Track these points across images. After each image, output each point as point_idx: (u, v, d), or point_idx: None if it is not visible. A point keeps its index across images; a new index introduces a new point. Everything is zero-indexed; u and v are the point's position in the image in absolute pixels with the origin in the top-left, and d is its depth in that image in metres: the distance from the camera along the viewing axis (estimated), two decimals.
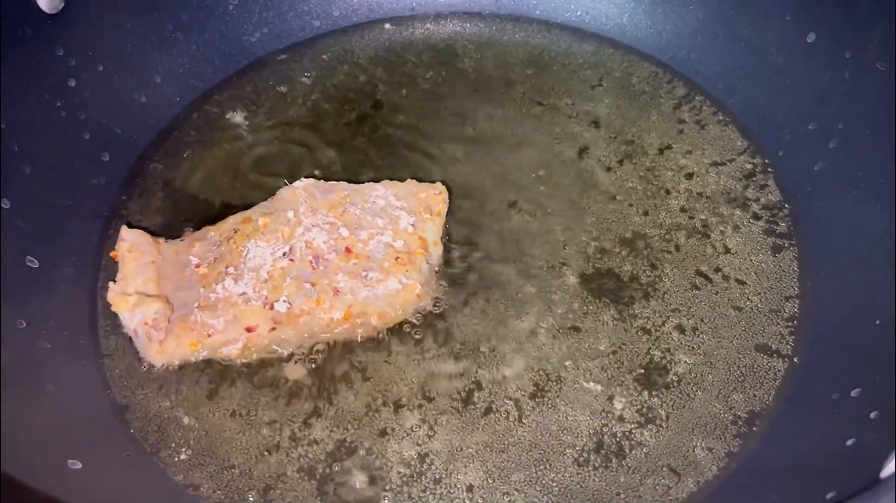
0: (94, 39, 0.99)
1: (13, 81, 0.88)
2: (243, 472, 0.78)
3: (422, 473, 0.78)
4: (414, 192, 0.94)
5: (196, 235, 0.92)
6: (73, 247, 0.93)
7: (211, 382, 0.84)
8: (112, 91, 1.02)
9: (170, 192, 1.01)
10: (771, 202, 0.98)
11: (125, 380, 0.84)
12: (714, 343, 0.87)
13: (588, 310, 0.89)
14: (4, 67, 0.86)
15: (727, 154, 1.04)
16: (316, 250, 0.87)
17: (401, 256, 0.89)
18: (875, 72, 0.91)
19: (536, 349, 0.86)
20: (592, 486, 0.77)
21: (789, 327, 0.88)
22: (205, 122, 1.08)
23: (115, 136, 1.02)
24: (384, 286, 0.86)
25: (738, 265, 0.93)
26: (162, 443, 0.80)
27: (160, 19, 1.08)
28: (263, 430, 0.81)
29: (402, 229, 0.91)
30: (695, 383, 0.84)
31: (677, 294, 0.91)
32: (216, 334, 0.83)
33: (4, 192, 0.85)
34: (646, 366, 0.85)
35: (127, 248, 0.87)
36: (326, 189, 0.93)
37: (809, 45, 0.99)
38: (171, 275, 0.87)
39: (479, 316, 0.89)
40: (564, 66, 1.14)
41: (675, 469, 0.78)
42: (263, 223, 0.88)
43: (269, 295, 0.84)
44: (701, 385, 0.84)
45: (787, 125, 1.01)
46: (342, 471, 0.78)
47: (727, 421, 0.81)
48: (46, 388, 0.79)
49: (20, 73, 0.89)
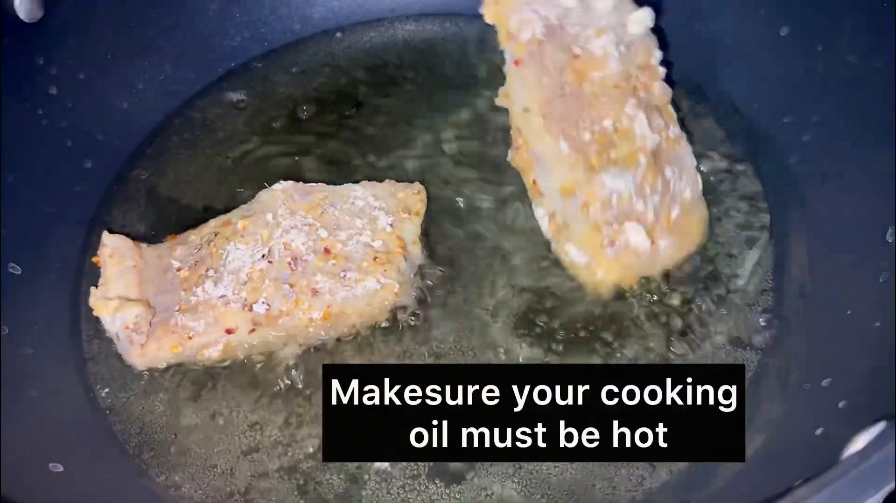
0: (75, 47, 1.00)
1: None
2: (225, 472, 0.80)
3: (401, 470, 0.79)
4: (392, 193, 0.95)
5: (177, 239, 0.93)
6: (56, 253, 0.94)
7: (193, 384, 0.85)
8: (94, 98, 1.03)
9: (153, 198, 1.02)
10: (748, 195, 0.99)
11: (108, 384, 0.86)
12: (690, 335, 0.88)
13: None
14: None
15: (705, 147, 1.04)
16: (294, 251, 0.88)
17: (379, 256, 0.90)
18: (847, 65, 0.91)
19: (515, 347, 0.87)
20: (569, 478, 0.78)
21: (765, 319, 0.89)
22: (187, 127, 1.09)
23: (97, 143, 1.03)
24: (363, 286, 0.88)
25: (715, 257, 0.94)
26: (144, 445, 0.82)
27: (141, 26, 1.09)
28: (245, 431, 0.82)
29: (380, 229, 0.92)
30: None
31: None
32: (196, 336, 0.84)
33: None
34: (624, 359, 0.86)
35: (109, 254, 0.89)
36: (305, 191, 0.94)
37: (783, 38, 1.00)
38: (153, 278, 0.89)
39: (458, 314, 0.90)
40: None
41: None
42: (243, 226, 0.89)
43: (248, 297, 0.85)
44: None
45: (762, 118, 1.02)
46: (322, 470, 0.80)
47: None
48: (29, 393, 0.80)
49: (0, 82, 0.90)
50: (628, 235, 0.86)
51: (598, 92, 0.88)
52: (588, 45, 0.89)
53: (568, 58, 0.89)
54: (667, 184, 0.88)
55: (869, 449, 0.49)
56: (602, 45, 0.89)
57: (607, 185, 0.85)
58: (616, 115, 0.87)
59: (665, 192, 0.88)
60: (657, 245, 0.87)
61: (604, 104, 0.88)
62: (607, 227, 0.86)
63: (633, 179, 0.86)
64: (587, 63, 0.88)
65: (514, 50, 0.91)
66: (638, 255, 0.87)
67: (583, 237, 0.88)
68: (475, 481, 0.78)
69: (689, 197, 0.92)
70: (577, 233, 0.89)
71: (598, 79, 0.88)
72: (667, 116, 0.92)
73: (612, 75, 0.88)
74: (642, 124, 0.87)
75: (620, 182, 0.85)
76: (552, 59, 0.89)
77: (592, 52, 0.89)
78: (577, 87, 0.88)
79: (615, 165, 0.86)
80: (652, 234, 0.87)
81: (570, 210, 0.89)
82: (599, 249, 0.87)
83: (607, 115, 0.87)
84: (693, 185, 0.92)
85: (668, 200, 0.89)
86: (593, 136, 0.87)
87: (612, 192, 0.85)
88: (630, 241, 0.86)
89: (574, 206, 0.88)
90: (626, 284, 0.89)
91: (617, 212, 0.86)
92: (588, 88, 0.88)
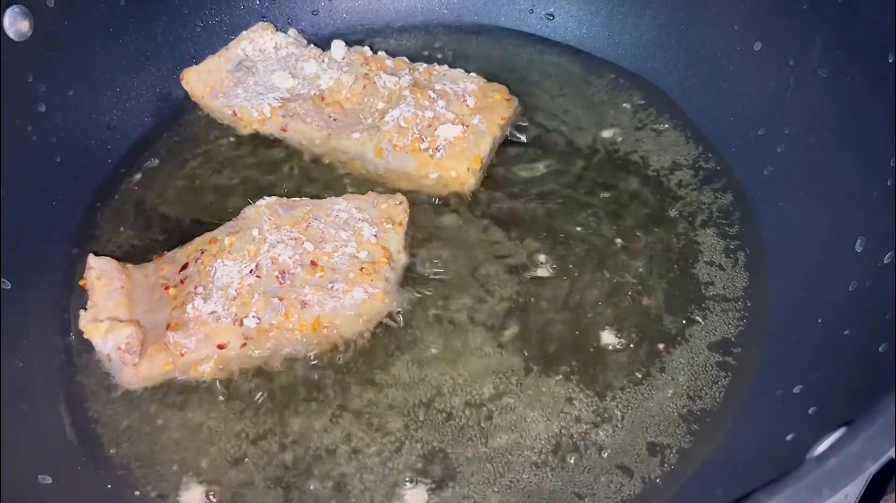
0: (64, 64, 1.02)
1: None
2: (212, 482, 0.81)
3: (384, 478, 0.81)
4: (375, 204, 0.97)
5: (164, 258, 0.95)
6: (46, 267, 0.96)
7: (178, 395, 0.87)
8: (83, 114, 1.05)
9: (141, 212, 1.04)
10: (723, 205, 1.02)
11: (97, 396, 0.87)
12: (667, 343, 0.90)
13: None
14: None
15: (682, 158, 1.07)
16: (282, 265, 0.90)
17: (365, 266, 0.92)
18: (818, 79, 0.94)
19: (497, 354, 0.89)
20: (549, 486, 0.80)
21: (739, 328, 0.91)
22: (174, 143, 1.11)
23: (86, 158, 1.05)
24: (350, 296, 0.89)
25: (692, 267, 0.96)
26: (131, 457, 0.83)
27: (129, 43, 1.11)
28: (231, 442, 0.84)
29: (365, 240, 0.94)
30: (649, 383, 0.87)
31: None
32: (189, 353, 0.86)
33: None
34: (603, 367, 0.88)
35: (95, 276, 0.90)
36: (289, 205, 0.96)
37: (756, 53, 1.03)
38: (141, 297, 0.90)
39: (442, 323, 0.92)
40: (526, 76, 1.18)
41: (628, 467, 0.81)
42: (229, 242, 0.91)
43: (238, 312, 0.87)
44: (654, 384, 0.87)
45: (737, 131, 1.05)
46: (308, 478, 0.81)
47: (679, 419, 0.84)
48: (20, 406, 0.82)
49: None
50: (442, 135, 1.02)
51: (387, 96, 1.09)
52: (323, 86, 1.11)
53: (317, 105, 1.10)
54: (443, 92, 1.06)
55: (828, 452, 0.51)
56: (332, 79, 1.10)
57: (390, 119, 1.03)
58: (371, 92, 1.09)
59: (444, 97, 1.06)
60: (472, 125, 1.03)
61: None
62: (422, 143, 1.02)
63: (408, 107, 1.03)
64: (334, 96, 1.10)
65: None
66: (464, 141, 1.02)
67: (416, 165, 1.02)
68: (456, 489, 0.80)
69: (476, 86, 1.09)
70: (410, 165, 1.03)
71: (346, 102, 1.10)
72: (405, 66, 1.12)
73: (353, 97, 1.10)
74: (385, 82, 1.08)
75: (398, 112, 1.03)
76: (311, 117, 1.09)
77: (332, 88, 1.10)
78: (342, 110, 1.09)
79: (389, 106, 1.06)
80: (461, 122, 1.03)
81: (394, 159, 1.03)
82: (431, 160, 1.01)
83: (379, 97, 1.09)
84: (472, 80, 1.09)
85: (455, 98, 1.06)
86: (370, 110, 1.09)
87: (398, 119, 1.02)
88: (447, 136, 1.02)
89: (390, 153, 1.03)
90: (473, 167, 1.02)
91: (419, 130, 1.02)
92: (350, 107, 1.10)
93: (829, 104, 0.92)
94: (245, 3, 1.21)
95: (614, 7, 1.18)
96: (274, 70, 1.13)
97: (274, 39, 1.16)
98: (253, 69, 1.14)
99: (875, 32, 0.85)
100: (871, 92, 0.86)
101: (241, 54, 1.15)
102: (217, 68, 1.14)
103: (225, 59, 1.14)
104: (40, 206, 0.98)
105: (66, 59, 1.02)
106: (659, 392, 0.86)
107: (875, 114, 0.84)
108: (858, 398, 0.66)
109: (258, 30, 1.16)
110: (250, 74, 1.13)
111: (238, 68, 1.14)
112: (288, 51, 1.15)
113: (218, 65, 1.14)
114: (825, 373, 0.77)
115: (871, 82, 0.85)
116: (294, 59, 1.14)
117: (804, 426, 0.72)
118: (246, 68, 1.14)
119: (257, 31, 1.16)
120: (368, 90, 1.09)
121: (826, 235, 0.88)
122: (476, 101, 1.07)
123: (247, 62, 1.15)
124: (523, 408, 0.85)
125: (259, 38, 1.16)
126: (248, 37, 1.16)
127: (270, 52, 1.16)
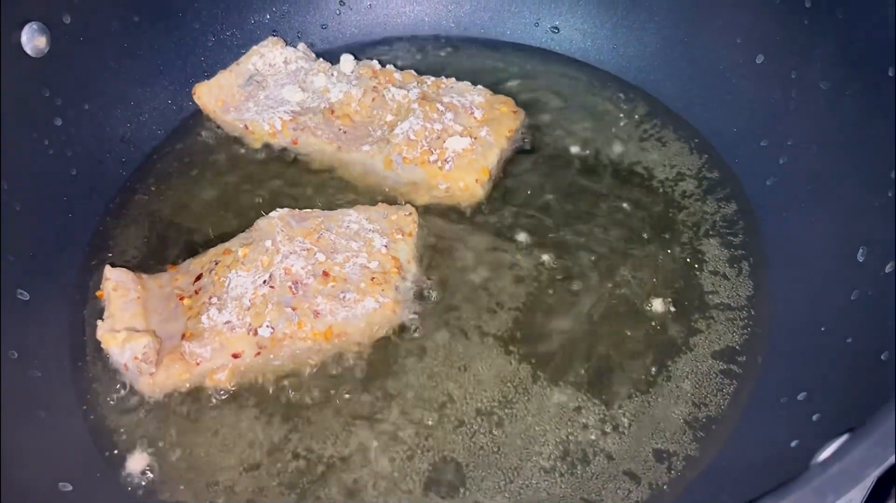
0: (80, 80, 1.04)
1: (2, 123, 0.92)
2: (227, 489, 0.83)
3: (397, 485, 0.82)
4: (385, 215, 0.99)
5: (178, 268, 0.97)
6: (62, 278, 0.97)
7: (194, 403, 0.88)
8: (98, 128, 1.07)
9: (155, 223, 1.06)
10: (727, 215, 1.03)
11: (113, 404, 0.89)
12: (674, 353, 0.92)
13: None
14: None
15: (686, 169, 1.09)
16: (295, 276, 0.92)
17: (376, 276, 0.93)
18: (819, 91, 0.96)
19: (506, 362, 0.91)
20: (558, 492, 0.82)
21: (743, 336, 0.92)
22: (188, 154, 1.13)
23: (101, 171, 1.07)
24: (362, 306, 0.91)
25: (697, 276, 0.98)
26: (148, 464, 0.84)
27: (143, 58, 1.13)
28: (246, 448, 0.85)
29: (375, 251, 0.96)
30: (655, 391, 0.89)
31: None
32: (204, 362, 0.87)
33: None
34: (609, 375, 0.90)
35: (112, 287, 0.91)
36: (301, 217, 0.97)
37: (759, 65, 1.05)
38: (157, 308, 0.92)
39: (452, 332, 0.93)
40: (532, 89, 1.19)
41: (635, 473, 0.83)
42: (243, 253, 0.92)
43: (252, 321, 0.88)
44: (660, 392, 0.88)
45: (740, 142, 1.07)
46: (321, 485, 0.83)
47: (685, 426, 0.86)
48: (38, 415, 0.83)
49: (8, 114, 0.93)
50: (451, 147, 1.04)
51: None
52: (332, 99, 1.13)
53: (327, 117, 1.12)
54: (451, 105, 1.08)
55: (832, 458, 0.52)
56: (341, 93, 1.12)
57: (399, 132, 1.05)
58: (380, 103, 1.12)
59: (452, 109, 1.07)
60: (480, 138, 1.05)
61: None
62: (431, 155, 1.04)
63: (417, 120, 1.06)
64: (344, 109, 1.12)
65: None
66: (472, 153, 1.04)
67: (425, 177, 1.04)
68: (467, 495, 0.81)
69: (484, 98, 1.11)
70: (419, 177, 1.05)
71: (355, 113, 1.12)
72: (413, 79, 1.14)
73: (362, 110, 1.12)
74: (394, 95, 1.11)
75: (407, 125, 1.05)
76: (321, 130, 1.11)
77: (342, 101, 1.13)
78: (351, 123, 1.12)
79: (398, 118, 1.08)
80: (469, 134, 1.05)
81: (404, 171, 1.05)
82: (440, 172, 1.03)
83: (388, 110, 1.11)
84: (479, 93, 1.11)
85: (462, 110, 1.08)
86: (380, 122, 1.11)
87: (408, 132, 1.04)
88: (455, 148, 1.04)
89: (400, 165, 1.04)
90: (482, 178, 1.04)
91: (427, 142, 1.04)
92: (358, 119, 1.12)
93: (831, 116, 0.94)
94: (255, 18, 1.24)
95: (618, 20, 1.21)
96: (284, 84, 1.15)
97: (284, 54, 1.18)
98: (263, 83, 1.16)
99: (875, 46, 0.87)
100: (871, 104, 0.87)
101: (252, 69, 1.17)
102: (228, 83, 1.16)
103: (236, 73, 1.16)
104: (56, 217, 1.00)
105: (82, 73, 1.04)
106: (665, 400, 0.88)
107: (876, 126, 0.86)
108: (861, 405, 0.68)
109: (268, 44, 1.19)
110: (261, 88, 1.16)
111: (249, 83, 1.16)
112: (298, 65, 1.18)
113: (229, 80, 1.16)
114: (828, 381, 0.79)
115: (872, 95, 0.87)
116: (304, 73, 1.16)
117: (808, 432, 0.73)
118: (256, 82, 1.16)
119: (267, 46, 1.18)
120: (377, 103, 1.11)
121: (828, 245, 0.90)
122: (483, 114, 1.09)
123: (257, 76, 1.17)
124: (532, 415, 0.87)
125: (269, 53, 1.18)
126: (259, 51, 1.18)
127: (280, 66, 1.18)
